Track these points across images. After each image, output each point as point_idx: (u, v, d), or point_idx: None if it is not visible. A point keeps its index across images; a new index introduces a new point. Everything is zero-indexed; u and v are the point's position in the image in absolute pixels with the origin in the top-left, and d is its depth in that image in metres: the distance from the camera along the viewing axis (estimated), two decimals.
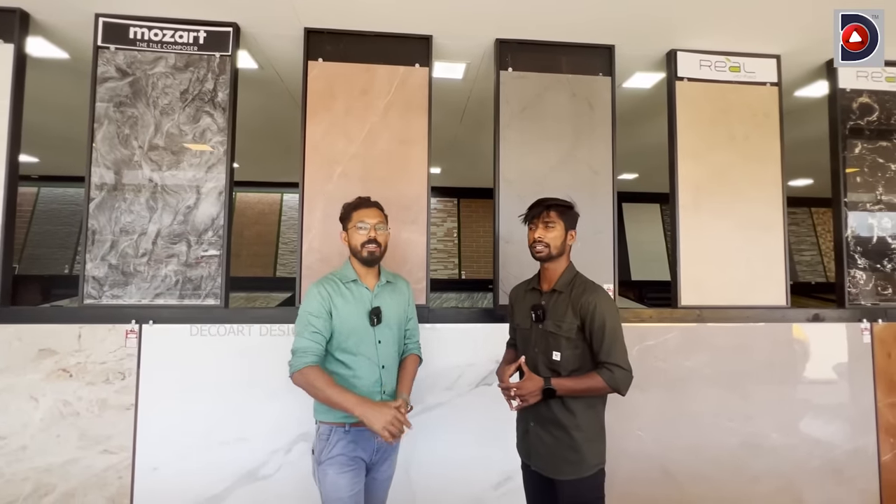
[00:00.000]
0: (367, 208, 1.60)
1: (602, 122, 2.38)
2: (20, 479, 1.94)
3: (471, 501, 2.12)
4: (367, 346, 1.54)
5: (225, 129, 2.18)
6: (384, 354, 1.57)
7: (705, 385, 2.28)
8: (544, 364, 1.53)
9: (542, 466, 1.54)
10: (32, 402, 1.96)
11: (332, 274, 1.63)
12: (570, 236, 1.57)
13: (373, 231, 1.57)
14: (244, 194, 6.52)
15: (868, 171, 2.52)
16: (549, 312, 1.54)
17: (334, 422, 1.51)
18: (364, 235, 1.56)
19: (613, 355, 1.46)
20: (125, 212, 2.12)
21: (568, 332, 1.50)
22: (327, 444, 1.50)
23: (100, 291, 2.07)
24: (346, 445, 1.50)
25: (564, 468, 1.49)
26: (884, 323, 2.39)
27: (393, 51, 2.30)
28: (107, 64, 2.14)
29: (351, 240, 1.59)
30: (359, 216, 1.58)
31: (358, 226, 1.57)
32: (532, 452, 1.57)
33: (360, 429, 1.50)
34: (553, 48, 2.38)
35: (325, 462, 1.49)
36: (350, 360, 1.53)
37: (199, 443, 2.02)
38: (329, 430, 1.51)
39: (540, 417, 1.54)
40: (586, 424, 1.50)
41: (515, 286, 1.74)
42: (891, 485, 2.32)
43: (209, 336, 2.05)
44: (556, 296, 1.55)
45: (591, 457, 1.50)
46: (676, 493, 2.23)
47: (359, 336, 1.54)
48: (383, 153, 2.25)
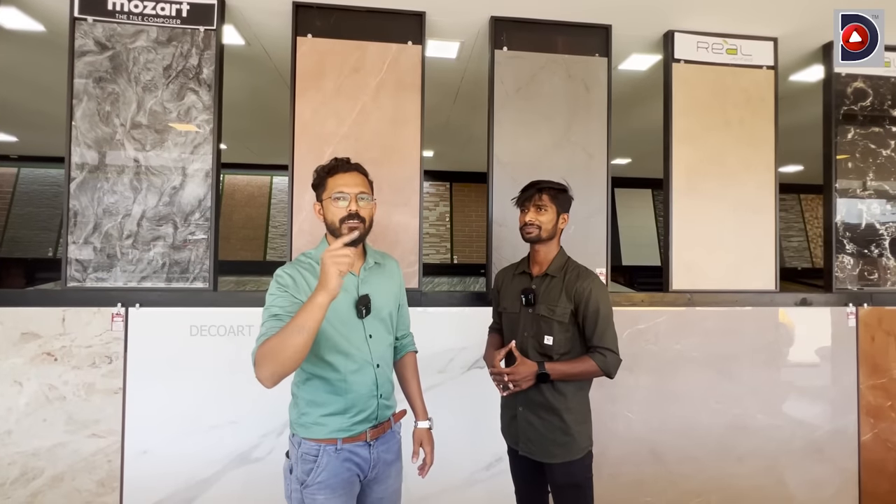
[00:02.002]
0: (346, 173, 1.27)
1: (597, 103, 2.34)
2: (6, 464, 1.92)
3: (463, 482, 2.15)
4: (356, 343, 1.27)
5: (211, 108, 2.11)
6: (377, 351, 1.31)
7: (694, 368, 2.31)
8: (534, 348, 1.53)
9: (532, 451, 1.55)
10: (16, 387, 1.93)
11: (305, 255, 1.32)
12: (563, 220, 1.56)
13: (354, 203, 1.24)
14: (233, 177, 6.40)
15: (860, 156, 2.53)
16: (541, 296, 1.53)
17: (323, 439, 1.25)
18: (343, 209, 1.23)
19: (606, 340, 1.48)
20: (108, 192, 2.05)
21: (561, 317, 1.50)
22: (315, 467, 1.24)
23: (84, 274, 2.02)
24: (339, 465, 1.26)
25: (555, 451, 1.50)
26: (869, 307, 2.43)
27: (385, 27, 2.23)
28: (84, 37, 2.05)
29: (327, 214, 1.26)
30: (335, 183, 1.25)
31: (335, 196, 1.24)
32: (521, 437, 1.56)
33: (352, 444, 1.28)
34: (549, 27, 2.33)
35: (312, 486, 1.24)
36: (338, 360, 1.25)
37: (189, 426, 2.00)
38: (318, 450, 1.25)
39: (529, 402, 1.53)
40: (576, 407, 1.52)
41: (502, 269, 1.74)
42: (869, 463, 2.39)
43: (197, 319, 2.02)
44: (549, 280, 1.54)
45: (582, 439, 1.52)
46: (664, 473, 2.28)
47: (345, 331, 1.26)
48: (375, 134, 2.20)
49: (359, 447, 1.28)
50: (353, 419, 1.28)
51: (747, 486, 2.32)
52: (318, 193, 1.31)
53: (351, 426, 1.27)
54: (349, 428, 1.27)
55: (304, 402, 1.29)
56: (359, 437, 1.28)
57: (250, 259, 6.12)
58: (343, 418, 1.27)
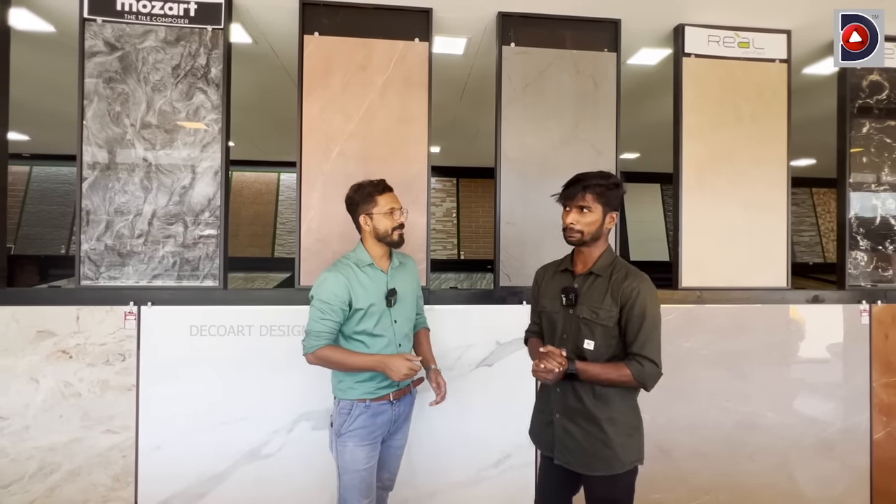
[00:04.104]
0: (392, 193, 1.63)
1: (606, 99, 2.32)
2: (25, 459, 1.96)
3: (471, 479, 2.16)
4: (384, 327, 1.61)
5: (219, 107, 2.11)
6: (400, 333, 1.65)
7: (704, 365, 2.30)
8: (571, 352, 1.39)
9: (569, 461, 1.42)
10: (33, 384, 1.96)
11: (345, 258, 1.64)
12: (610, 219, 1.39)
13: (402, 216, 1.62)
14: (241, 174, 6.44)
15: (875, 151, 2.48)
16: (583, 297, 1.40)
17: (355, 398, 1.58)
18: (396, 220, 1.60)
19: (647, 348, 1.32)
20: (119, 192, 2.08)
21: (606, 321, 1.35)
22: (348, 418, 1.57)
23: (96, 273, 2.05)
24: (367, 420, 1.57)
25: (596, 465, 1.37)
26: (883, 304, 2.39)
27: (392, 24, 2.22)
28: (94, 37, 2.06)
29: (378, 224, 1.59)
30: (387, 201, 1.60)
31: (388, 210, 1.59)
32: (557, 445, 1.44)
33: (379, 402, 1.59)
34: (557, 22, 2.30)
35: (344, 435, 1.56)
36: (369, 340, 1.59)
37: (201, 422, 2.03)
38: (350, 406, 1.58)
39: (567, 409, 1.41)
40: (620, 417, 1.37)
41: (543, 266, 1.60)
42: (882, 462, 2.37)
43: (208, 318, 2.04)
44: (593, 279, 1.40)
45: (626, 453, 1.36)
46: (673, 470, 2.27)
47: (377, 317, 1.59)
48: (382, 131, 2.20)
49: (384, 406, 1.60)
50: (379, 385, 1.60)
51: (757, 484, 2.31)
52: (366, 208, 1.60)
53: (377, 390, 1.60)
54: (376, 391, 1.59)
55: (341, 372, 1.60)
56: (384, 397, 1.60)
57: (259, 255, 6.17)
58: (371, 384, 1.59)
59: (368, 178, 1.65)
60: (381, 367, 1.52)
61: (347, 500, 1.56)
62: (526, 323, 1.70)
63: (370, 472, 1.58)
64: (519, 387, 2.15)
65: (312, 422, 2.06)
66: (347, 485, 1.56)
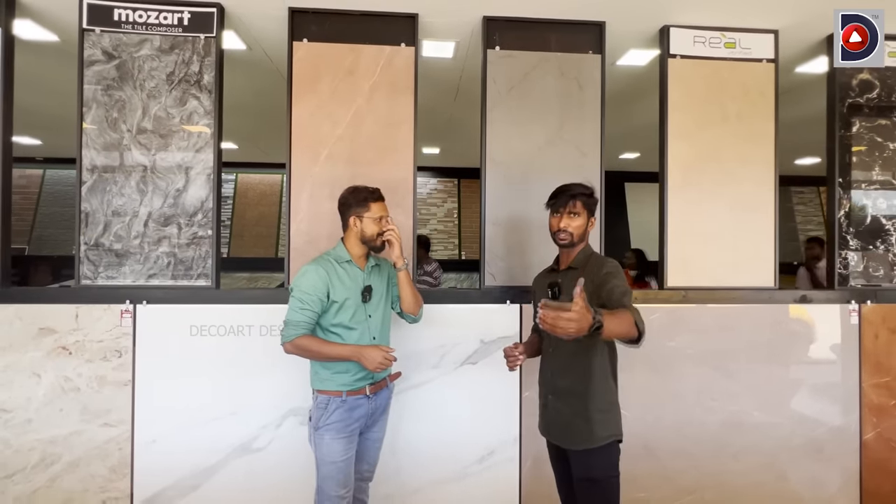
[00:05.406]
0: (384, 203, 1.73)
1: (591, 101, 2.34)
2: (27, 450, 2.05)
3: (455, 476, 2.20)
4: (359, 320, 1.69)
5: (212, 112, 2.19)
6: (374, 326, 1.73)
7: (689, 365, 2.31)
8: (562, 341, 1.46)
9: (557, 437, 1.59)
10: (35, 378, 2.06)
11: (326, 254, 1.73)
12: (591, 223, 1.62)
13: (388, 223, 1.72)
14: (246, 176, 6.56)
15: (866, 149, 2.46)
16: (565, 288, 1.58)
17: (332, 391, 1.65)
18: (382, 227, 1.70)
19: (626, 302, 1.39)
20: (116, 195, 2.16)
21: None
22: (325, 412, 1.63)
23: (95, 272, 2.14)
24: (343, 413, 1.64)
25: (575, 438, 1.52)
26: (873, 304, 2.38)
27: (378, 30, 2.27)
28: (93, 47, 2.15)
29: (367, 228, 1.69)
30: (379, 209, 1.70)
31: (377, 217, 1.69)
32: (550, 424, 1.61)
33: (356, 397, 1.66)
34: (541, 25, 2.33)
35: (322, 428, 1.63)
36: (344, 332, 1.67)
37: (194, 417, 2.11)
38: (327, 400, 1.64)
39: (556, 389, 1.59)
40: (600, 394, 1.51)
41: (537, 274, 1.79)
42: (871, 463, 2.36)
43: (201, 316, 2.11)
44: (572, 273, 1.59)
45: (601, 428, 1.50)
46: (658, 469, 2.29)
47: (352, 311, 1.67)
48: (369, 135, 2.25)
49: (360, 400, 1.67)
50: (355, 377, 1.66)
51: (743, 483, 2.32)
52: (358, 211, 1.69)
53: (353, 382, 1.66)
54: (352, 384, 1.66)
55: (318, 364, 1.68)
56: (360, 391, 1.67)
57: (263, 256, 6.28)
58: (347, 376, 1.66)
59: (362, 184, 1.76)
60: (356, 357, 1.59)
61: (325, 490, 1.62)
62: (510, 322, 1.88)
63: (347, 464, 1.64)
64: (502, 385, 2.19)
65: (300, 417, 2.13)
66: (325, 476, 1.62)
